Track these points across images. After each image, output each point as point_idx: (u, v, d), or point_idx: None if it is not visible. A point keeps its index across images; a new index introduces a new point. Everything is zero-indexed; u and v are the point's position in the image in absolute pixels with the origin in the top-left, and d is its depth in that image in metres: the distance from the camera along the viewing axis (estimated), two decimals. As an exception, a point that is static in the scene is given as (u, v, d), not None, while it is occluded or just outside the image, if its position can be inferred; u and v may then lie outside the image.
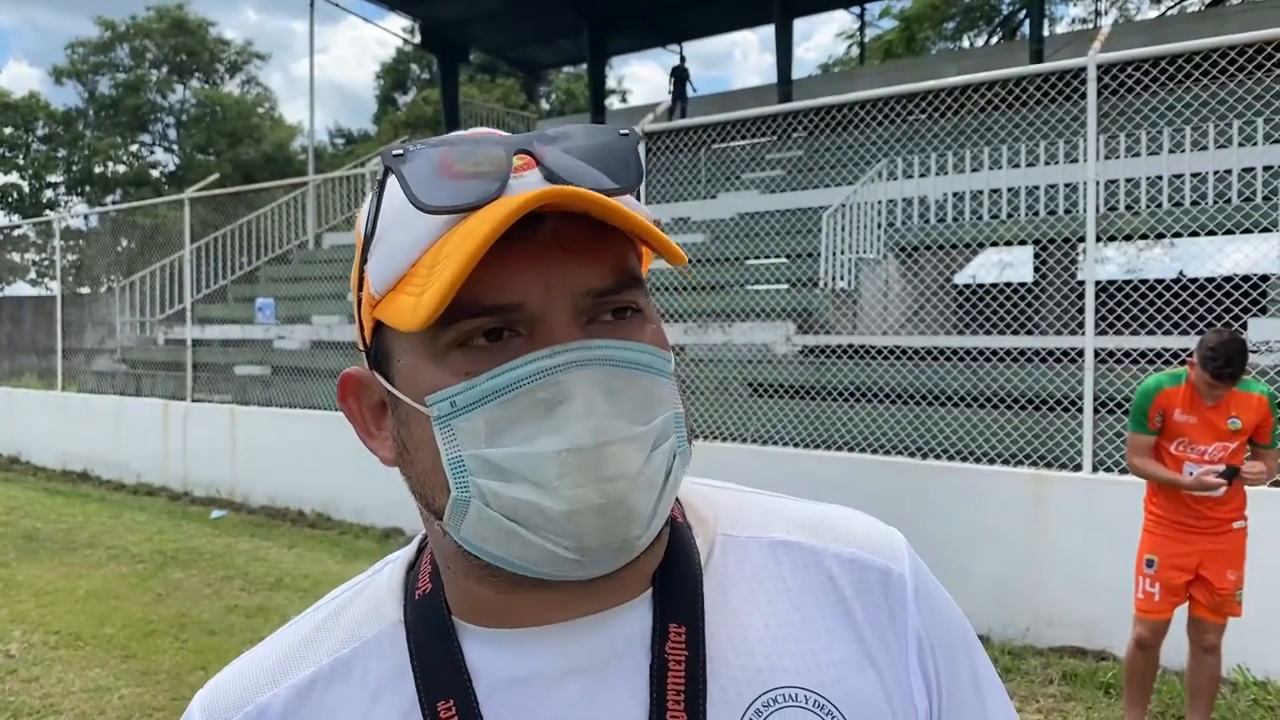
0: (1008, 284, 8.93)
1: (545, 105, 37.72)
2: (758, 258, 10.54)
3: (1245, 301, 6.51)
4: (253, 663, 0.75)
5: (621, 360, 0.62)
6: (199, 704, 0.74)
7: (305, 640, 0.74)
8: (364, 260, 0.67)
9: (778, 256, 10.40)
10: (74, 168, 41.07)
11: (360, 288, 0.68)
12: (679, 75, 19.00)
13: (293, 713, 0.71)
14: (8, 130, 39.78)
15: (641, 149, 0.66)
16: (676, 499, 0.76)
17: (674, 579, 0.71)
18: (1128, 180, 8.44)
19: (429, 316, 0.58)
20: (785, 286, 9.73)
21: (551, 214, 0.61)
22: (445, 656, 0.69)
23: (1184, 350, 6.38)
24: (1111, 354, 6.56)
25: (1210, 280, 6.74)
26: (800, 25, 24.96)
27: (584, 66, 23.44)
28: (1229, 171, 8.08)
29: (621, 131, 0.66)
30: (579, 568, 0.63)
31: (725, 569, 0.73)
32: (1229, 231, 7.34)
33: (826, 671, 0.69)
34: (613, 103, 34.56)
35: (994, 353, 7.13)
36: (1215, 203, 7.86)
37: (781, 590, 0.72)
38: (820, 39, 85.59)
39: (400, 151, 0.63)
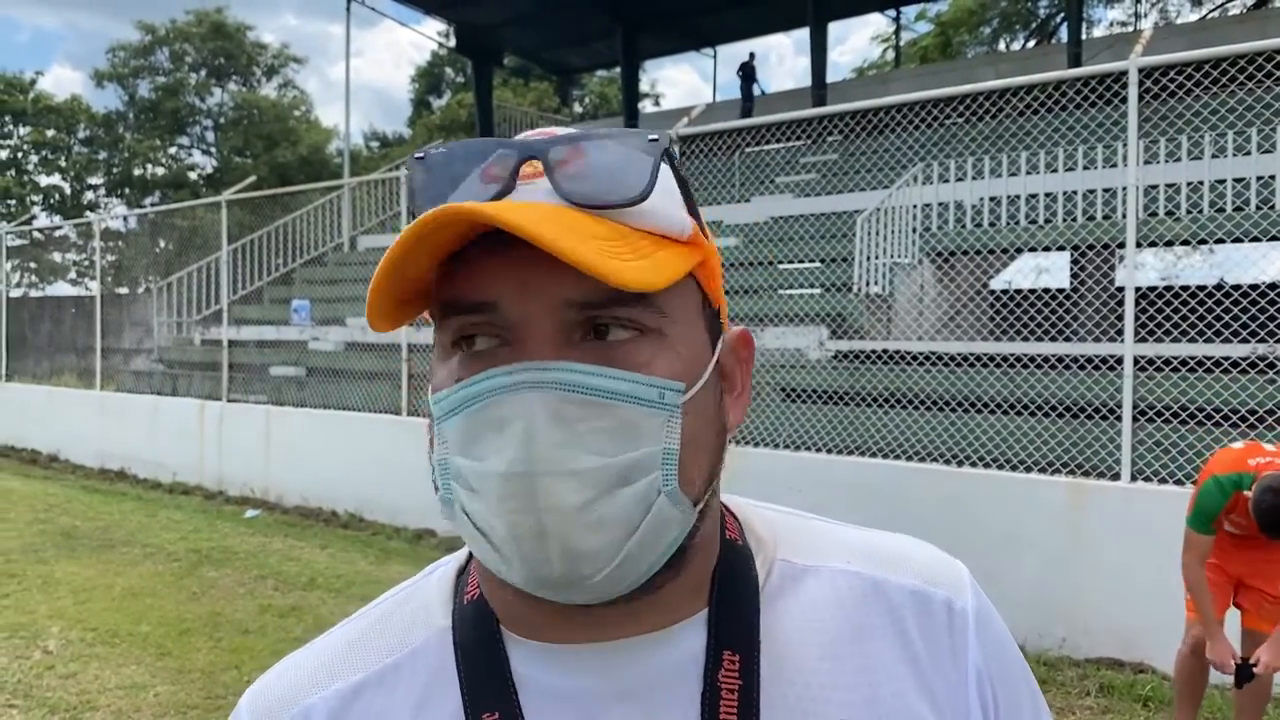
0: (1044, 290, 8.83)
1: (579, 108, 37.82)
2: (791, 262, 10.49)
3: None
4: (301, 663, 0.74)
5: (580, 386, 0.59)
6: (246, 702, 0.73)
7: (354, 643, 0.73)
8: None
9: (811, 261, 10.35)
10: (114, 170, 41.69)
11: None
12: (746, 73, 18.84)
13: (337, 718, 0.70)
14: (50, 133, 40.43)
15: (662, 156, 0.62)
16: (735, 520, 0.74)
17: (731, 603, 0.69)
18: (1168, 185, 8.32)
19: (372, 318, 0.62)
20: (818, 291, 9.68)
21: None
22: (491, 666, 0.67)
23: (1225, 358, 6.28)
24: (1151, 361, 6.48)
25: (1254, 288, 6.63)
26: (835, 29, 24.88)
27: (617, 70, 23.47)
28: (1273, 177, 7.95)
29: (650, 137, 0.62)
30: (551, 592, 0.61)
31: (783, 596, 0.71)
32: (1273, 238, 7.23)
33: (883, 705, 0.67)
34: (646, 106, 34.59)
35: (1030, 359, 7.05)
36: (1259, 209, 7.74)
37: (840, 620, 0.70)
38: (855, 42, 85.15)
39: (422, 154, 0.63)
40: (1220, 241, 7.67)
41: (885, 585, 0.72)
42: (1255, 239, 7.32)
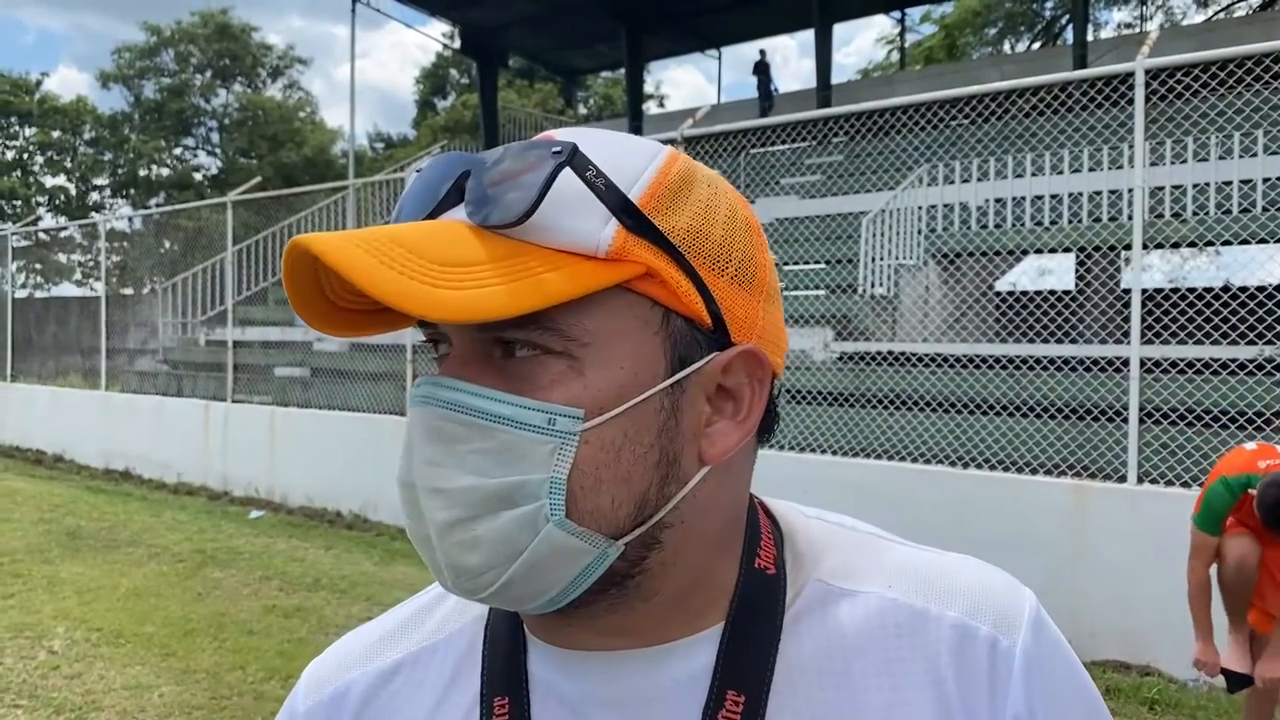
0: (1050, 291, 8.82)
1: (583, 110, 37.83)
2: (796, 263, 10.48)
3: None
4: (352, 643, 0.78)
5: (463, 406, 0.58)
6: (306, 671, 0.78)
7: (401, 625, 0.77)
8: None
9: (816, 262, 10.34)
10: (119, 171, 41.80)
11: None
12: (761, 72, 18.88)
13: (372, 696, 0.73)
14: (56, 134, 40.58)
15: (558, 170, 0.58)
16: (775, 538, 0.71)
17: (747, 632, 0.65)
18: (1174, 187, 8.30)
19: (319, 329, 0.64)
20: (823, 292, 9.68)
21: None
22: (510, 657, 0.69)
23: (1231, 360, 6.27)
24: (1157, 364, 6.47)
25: (1260, 289, 6.62)
26: (840, 30, 24.84)
27: (622, 71, 23.48)
28: (1279, 179, 7.93)
29: (554, 149, 0.58)
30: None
31: (809, 620, 0.66)
32: (1280, 240, 7.21)
33: None
34: (650, 107, 34.59)
35: (1036, 361, 7.04)
36: (1266, 210, 7.72)
37: (865, 651, 0.65)
38: (860, 44, 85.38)
39: (419, 169, 0.65)
40: (1227, 243, 7.66)
41: (925, 616, 0.66)
42: (1262, 241, 7.31)
